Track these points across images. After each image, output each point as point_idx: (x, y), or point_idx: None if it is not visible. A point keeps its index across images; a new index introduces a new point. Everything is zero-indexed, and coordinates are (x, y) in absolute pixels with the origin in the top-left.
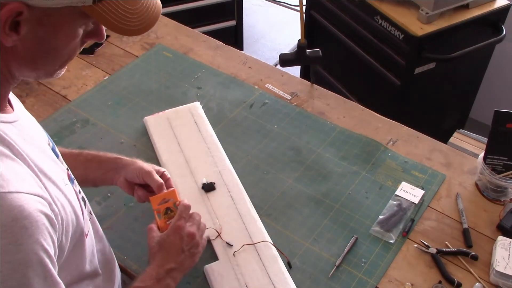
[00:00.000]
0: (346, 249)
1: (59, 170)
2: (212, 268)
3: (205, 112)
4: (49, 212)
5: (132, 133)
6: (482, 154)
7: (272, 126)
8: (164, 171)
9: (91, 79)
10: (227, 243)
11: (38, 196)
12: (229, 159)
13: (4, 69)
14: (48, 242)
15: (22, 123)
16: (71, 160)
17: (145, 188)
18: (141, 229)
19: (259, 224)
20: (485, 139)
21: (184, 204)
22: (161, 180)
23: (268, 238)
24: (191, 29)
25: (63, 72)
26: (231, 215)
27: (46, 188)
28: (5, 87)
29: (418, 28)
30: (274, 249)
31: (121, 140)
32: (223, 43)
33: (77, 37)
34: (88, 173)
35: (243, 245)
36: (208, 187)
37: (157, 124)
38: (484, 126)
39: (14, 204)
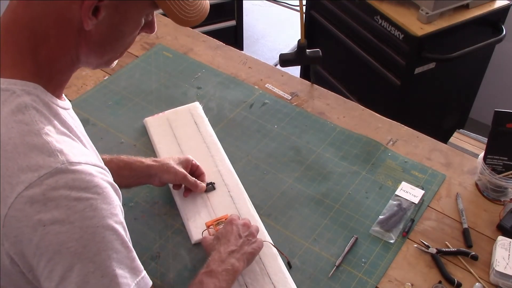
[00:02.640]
0: (346, 249)
1: (99, 159)
2: None
3: (205, 112)
4: (112, 181)
5: (132, 133)
6: (482, 154)
7: (272, 126)
8: (192, 160)
9: (91, 79)
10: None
11: (101, 168)
12: (229, 159)
13: (73, 53)
14: (118, 211)
15: (73, 113)
16: (106, 164)
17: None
18: (141, 229)
19: (259, 224)
20: (485, 139)
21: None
22: (194, 180)
23: (268, 238)
24: (191, 29)
25: (116, 63)
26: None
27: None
28: (69, 71)
29: (418, 28)
30: (274, 249)
31: (121, 140)
32: (223, 43)
33: (140, 26)
34: (121, 179)
35: None
36: (208, 187)
37: (157, 124)
38: (484, 126)
39: (85, 172)
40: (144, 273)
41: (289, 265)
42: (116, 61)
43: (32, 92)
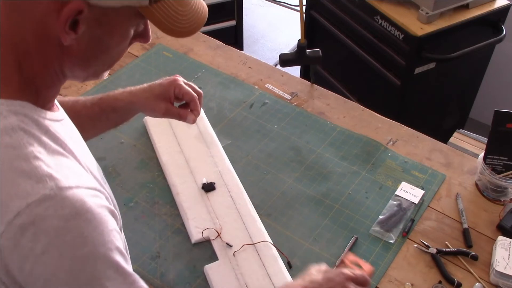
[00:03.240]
0: (346, 249)
1: (98, 168)
2: (212, 268)
3: (205, 112)
4: (107, 204)
5: (132, 133)
6: (482, 154)
7: (272, 126)
8: (175, 87)
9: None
10: (227, 243)
11: (96, 190)
12: (229, 159)
13: (57, 68)
14: (115, 235)
15: (67, 121)
16: (90, 112)
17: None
18: (141, 229)
19: (259, 224)
20: (485, 139)
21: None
22: (177, 112)
23: (268, 238)
24: None
25: (107, 74)
26: (231, 215)
27: (98, 183)
28: (57, 86)
29: (418, 28)
30: (274, 249)
31: (121, 140)
32: (223, 43)
33: (129, 37)
34: (113, 120)
35: (243, 245)
36: (208, 187)
37: (157, 124)
38: (484, 126)
39: (75, 198)
40: None
41: (289, 265)
42: (107, 72)
43: (19, 111)
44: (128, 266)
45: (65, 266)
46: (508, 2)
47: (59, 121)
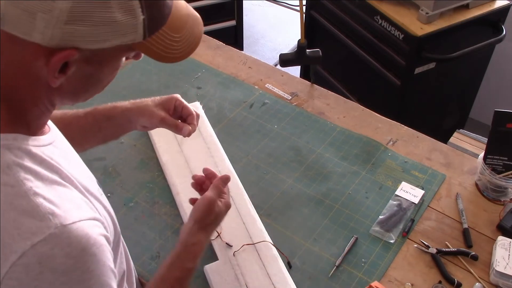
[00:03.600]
0: (346, 249)
1: (92, 179)
2: (212, 268)
3: (205, 112)
4: (105, 232)
5: (132, 133)
6: (482, 154)
7: (272, 126)
8: (177, 99)
9: None
10: (227, 243)
11: (95, 219)
12: (229, 159)
13: (47, 103)
14: (111, 260)
15: (60, 140)
16: (82, 123)
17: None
18: (141, 229)
19: (259, 224)
20: (485, 139)
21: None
22: (174, 122)
23: (268, 238)
24: None
25: None
26: (231, 215)
27: (94, 206)
28: (46, 116)
29: (418, 28)
30: (274, 249)
31: (121, 140)
32: (223, 43)
33: (120, 66)
34: (105, 131)
35: (243, 245)
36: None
37: None
38: (484, 126)
39: (80, 234)
40: None
41: (289, 265)
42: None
43: (12, 146)
44: (115, 284)
45: None
46: (508, 2)
47: (51, 143)
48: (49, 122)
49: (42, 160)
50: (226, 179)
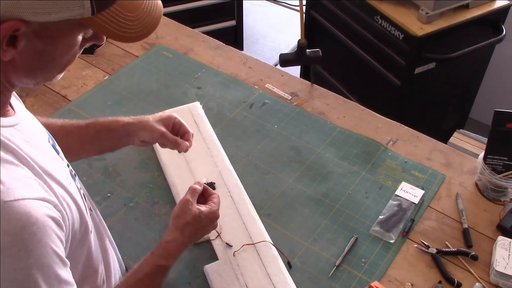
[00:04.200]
0: (346, 249)
1: (62, 168)
2: (212, 268)
3: (205, 112)
4: (55, 214)
5: None
6: (482, 154)
7: (272, 126)
8: (175, 117)
9: (91, 79)
10: (227, 243)
11: (44, 200)
12: (229, 159)
13: (3, 80)
14: (57, 244)
15: (24, 125)
16: (82, 133)
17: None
18: (141, 229)
19: (259, 224)
20: (485, 139)
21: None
22: (174, 138)
23: (268, 238)
24: (191, 29)
25: (61, 75)
26: (231, 215)
27: (52, 189)
28: (5, 95)
29: (418, 28)
30: (274, 249)
31: None
32: (223, 43)
33: (77, 44)
34: (103, 143)
35: (243, 245)
36: (208, 187)
37: None
38: (484, 126)
39: (21, 211)
40: None
41: (289, 265)
42: (60, 75)
43: None
44: (68, 274)
45: (9, 277)
46: (508, 2)
47: (12, 126)
48: (17, 107)
49: None
50: (200, 183)
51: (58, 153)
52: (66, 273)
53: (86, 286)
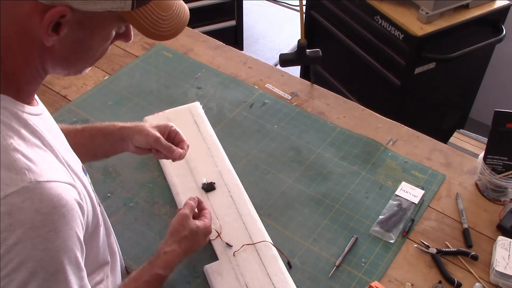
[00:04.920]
0: (346, 249)
1: (75, 161)
2: (212, 268)
3: (205, 112)
4: (80, 200)
5: None
6: (482, 154)
7: (272, 126)
8: (172, 126)
9: (91, 79)
10: (227, 243)
11: (71, 185)
12: (229, 159)
13: (39, 66)
14: (80, 230)
15: (47, 116)
16: (78, 137)
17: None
18: (141, 229)
19: (259, 224)
20: (485, 139)
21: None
22: (168, 144)
23: (268, 238)
24: (191, 29)
25: (89, 69)
26: (231, 215)
27: (72, 178)
28: (37, 82)
29: (418, 28)
30: (274, 249)
31: None
32: (223, 43)
33: (110, 38)
34: (97, 147)
35: (243, 245)
36: (208, 187)
37: (157, 123)
38: (484, 126)
39: (53, 192)
40: (84, 282)
41: (289, 265)
42: (89, 68)
43: None
44: (83, 261)
45: (36, 257)
46: (508, 2)
47: (38, 115)
48: (38, 99)
49: (27, 123)
50: (195, 198)
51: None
52: (83, 261)
53: (93, 280)
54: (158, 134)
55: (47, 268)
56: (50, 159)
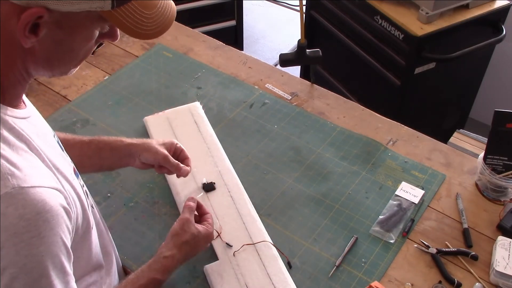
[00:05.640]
0: (346, 249)
1: (66, 164)
2: (212, 268)
3: (205, 112)
4: (66, 205)
5: (132, 133)
6: (482, 154)
7: (272, 126)
8: (177, 144)
9: (91, 79)
10: (227, 243)
11: (57, 190)
12: (229, 159)
13: (21, 68)
14: (66, 235)
15: (34, 119)
16: (84, 149)
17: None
18: (141, 229)
19: (259, 224)
20: (485, 139)
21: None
22: (176, 162)
23: (268, 238)
24: (191, 29)
25: (75, 70)
26: (231, 215)
27: (60, 182)
28: (22, 85)
29: (418, 28)
30: (274, 249)
31: (121, 140)
32: (223, 43)
33: (93, 38)
34: (103, 161)
35: (243, 245)
36: (208, 187)
37: (157, 124)
38: (484, 126)
39: (37, 198)
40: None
41: (289, 265)
42: (75, 69)
43: None
44: (69, 265)
45: (19, 263)
46: (508, 2)
47: (25, 118)
48: (27, 101)
49: (12, 127)
50: (194, 199)
51: (62, 150)
52: (69, 265)
53: (85, 282)
54: (166, 152)
55: (31, 274)
56: (36, 163)
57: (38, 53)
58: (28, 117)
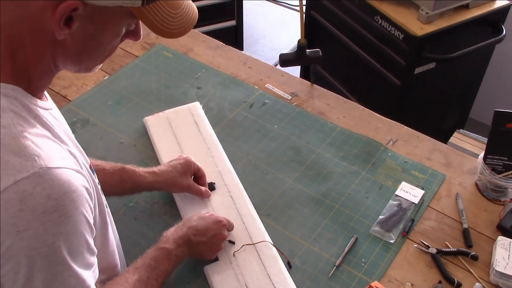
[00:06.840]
0: (346, 249)
1: (84, 159)
2: (212, 268)
3: (205, 112)
4: (88, 186)
5: (132, 133)
6: (482, 154)
7: (272, 126)
8: (194, 163)
9: (91, 79)
10: (229, 240)
11: (79, 172)
12: (229, 159)
13: (50, 61)
14: (89, 214)
15: (55, 112)
16: (107, 177)
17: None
18: (141, 229)
19: (259, 224)
20: (485, 139)
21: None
22: (198, 188)
23: (268, 238)
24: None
25: (99, 67)
26: (231, 215)
27: (81, 169)
28: (48, 77)
29: (418, 28)
30: (274, 249)
31: (121, 140)
32: (223, 43)
33: (121, 35)
34: (125, 191)
35: (243, 245)
36: (208, 187)
37: (157, 124)
38: (484, 126)
39: (63, 178)
40: (95, 265)
41: (289, 265)
42: (99, 66)
43: (10, 94)
44: (92, 242)
45: (49, 241)
46: (508, 2)
47: (48, 110)
48: (48, 96)
49: (37, 115)
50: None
51: (80, 147)
52: (92, 243)
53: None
54: (188, 181)
55: (60, 252)
56: (60, 149)
57: (69, 46)
58: (50, 109)
